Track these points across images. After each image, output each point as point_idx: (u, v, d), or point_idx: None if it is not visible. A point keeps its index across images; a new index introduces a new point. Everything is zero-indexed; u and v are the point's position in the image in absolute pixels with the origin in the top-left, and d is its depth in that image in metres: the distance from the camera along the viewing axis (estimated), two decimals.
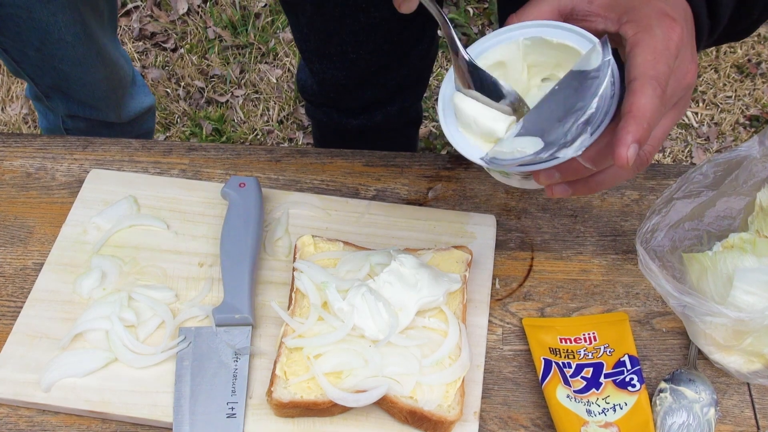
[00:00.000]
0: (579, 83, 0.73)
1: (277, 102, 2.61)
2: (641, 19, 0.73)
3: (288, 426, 0.86)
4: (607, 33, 0.76)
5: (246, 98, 2.64)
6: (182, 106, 2.59)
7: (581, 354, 0.91)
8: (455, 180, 1.08)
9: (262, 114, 2.59)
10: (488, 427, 0.88)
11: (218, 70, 2.68)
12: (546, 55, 0.78)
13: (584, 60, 0.74)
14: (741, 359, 0.89)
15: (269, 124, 2.57)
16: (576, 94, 0.72)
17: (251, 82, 2.67)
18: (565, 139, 0.70)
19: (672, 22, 0.73)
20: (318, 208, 1.03)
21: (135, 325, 0.93)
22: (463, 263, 0.95)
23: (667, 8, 0.74)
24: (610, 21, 0.76)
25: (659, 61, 0.71)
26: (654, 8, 0.74)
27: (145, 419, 0.87)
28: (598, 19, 0.76)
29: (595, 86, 0.71)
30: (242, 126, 2.56)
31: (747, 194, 0.95)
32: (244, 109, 2.60)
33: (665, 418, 0.86)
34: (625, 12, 0.75)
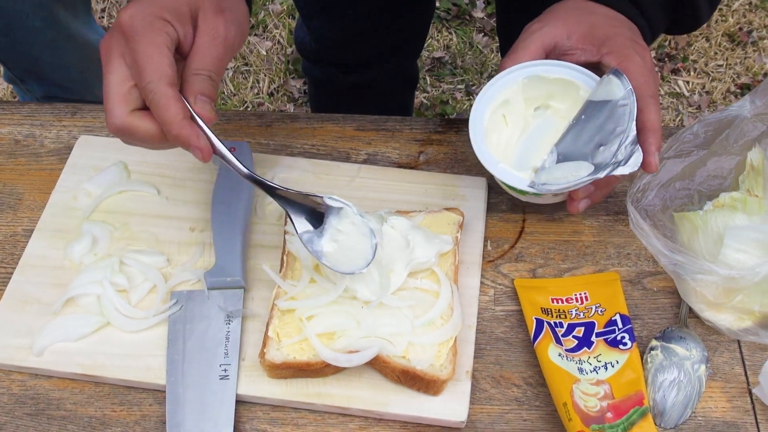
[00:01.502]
0: (610, 111, 0.86)
1: (267, 74, 2.60)
2: (619, 49, 0.88)
3: (281, 387, 0.86)
4: (588, 63, 0.90)
5: (236, 71, 2.62)
6: None
7: (573, 314, 0.92)
8: (446, 143, 1.08)
9: (252, 86, 2.58)
10: (480, 386, 0.88)
11: None
12: (540, 89, 0.92)
13: (603, 91, 0.87)
14: (731, 317, 0.90)
15: (259, 96, 2.56)
16: (611, 120, 0.86)
17: (241, 54, 2.65)
18: (616, 159, 0.84)
19: (642, 49, 0.88)
20: (309, 172, 1.03)
21: (127, 290, 0.93)
22: (455, 225, 0.95)
23: (633, 36, 0.90)
24: (590, 53, 0.90)
25: (649, 81, 0.86)
26: (624, 38, 0.89)
27: (139, 382, 0.87)
28: (578, 52, 0.90)
29: (629, 112, 0.85)
30: (232, 98, 2.54)
31: (737, 154, 0.95)
32: (234, 81, 2.59)
33: (656, 375, 0.86)
34: (602, 44, 0.89)
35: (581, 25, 0.90)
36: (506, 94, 0.93)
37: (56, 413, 0.86)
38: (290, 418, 0.86)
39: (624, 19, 0.91)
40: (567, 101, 0.93)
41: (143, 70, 0.76)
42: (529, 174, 0.90)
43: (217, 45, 0.81)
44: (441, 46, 2.66)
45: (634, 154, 0.84)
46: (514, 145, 0.95)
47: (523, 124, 0.95)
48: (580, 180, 0.86)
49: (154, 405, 0.87)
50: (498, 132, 0.94)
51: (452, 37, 2.68)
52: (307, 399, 0.86)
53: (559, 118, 0.94)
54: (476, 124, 0.92)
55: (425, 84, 2.56)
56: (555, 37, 0.91)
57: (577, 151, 0.88)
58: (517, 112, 0.95)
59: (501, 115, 0.95)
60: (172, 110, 0.76)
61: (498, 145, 0.94)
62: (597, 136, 0.87)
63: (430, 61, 2.61)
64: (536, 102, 0.95)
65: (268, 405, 0.87)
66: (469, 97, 2.52)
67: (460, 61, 2.62)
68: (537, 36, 0.91)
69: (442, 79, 2.58)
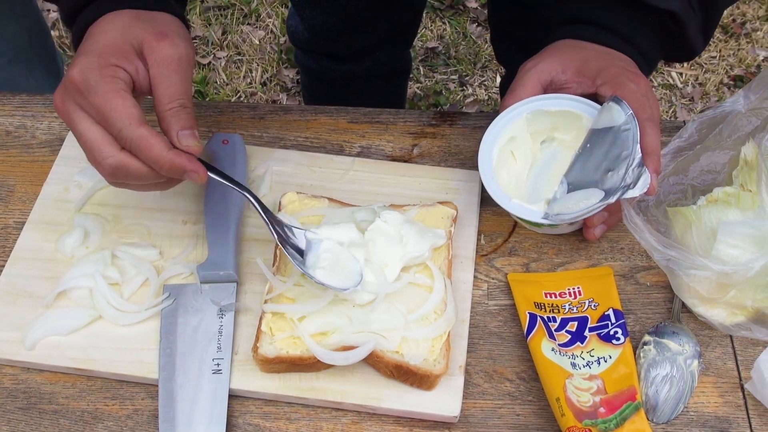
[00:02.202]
0: (614, 137, 0.88)
1: (260, 64, 2.59)
2: (613, 78, 0.91)
3: (274, 381, 0.86)
4: (585, 95, 0.93)
5: (228, 60, 2.61)
6: None
7: (566, 308, 0.92)
8: (440, 137, 1.08)
9: (245, 76, 2.57)
10: (473, 380, 0.88)
11: (200, 32, 2.65)
12: (544, 122, 0.96)
13: (605, 118, 0.90)
14: (724, 312, 0.90)
15: (252, 86, 2.55)
16: (615, 145, 0.88)
17: (234, 43, 2.64)
18: (625, 183, 0.86)
19: (636, 76, 0.92)
20: (302, 165, 1.03)
21: (119, 283, 0.92)
22: (449, 219, 0.95)
23: (625, 65, 0.93)
24: (585, 85, 0.93)
25: (645, 106, 0.89)
26: (617, 68, 0.92)
27: (131, 376, 0.87)
28: (573, 85, 0.94)
29: (633, 136, 0.87)
30: (225, 88, 2.53)
31: (731, 148, 0.95)
32: (226, 71, 2.58)
33: (649, 370, 0.86)
34: (596, 75, 0.92)
35: (574, 60, 0.94)
36: (512, 131, 0.95)
37: (48, 407, 0.86)
38: (283, 413, 0.86)
39: (615, 52, 0.95)
40: (571, 131, 0.95)
41: (111, 119, 0.78)
42: (542, 206, 0.91)
43: (175, 69, 0.81)
44: (434, 36, 2.65)
45: (642, 176, 0.86)
46: (525, 180, 0.97)
47: (531, 158, 0.98)
48: (593, 206, 0.87)
49: (146, 399, 0.87)
50: (508, 168, 0.96)
51: (446, 27, 2.67)
52: (300, 393, 0.85)
53: (566, 148, 0.96)
54: (485, 163, 0.93)
55: (419, 74, 2.56)
56: (551, 73, 0.94)
57: (586, 179, 0.90)
58: (525, 147, 0.97)
59: (509, 152, 0.97)
60: (155, 148, 0.78)
61: (509, 181, 0.96)
62: (604, 162, 0.89)
63: (423, 51, 2.61)
64: (542, 135, 0.98)
65: (261, 399, 0.87)
66: (462, 87, 2.52)
67: (454, 51, 2.61)
68: (533, 73, 0.94)
69: (435, 69, 2.58)
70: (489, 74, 2.55)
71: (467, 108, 2.46)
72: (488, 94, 2.50)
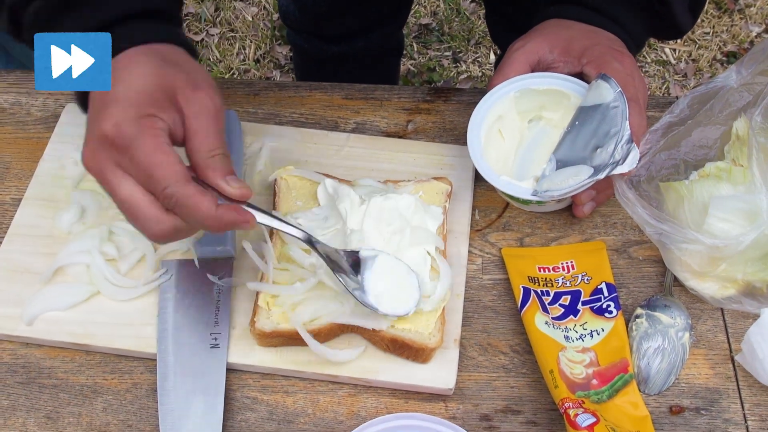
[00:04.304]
0: (603, 114, 0.89)
1: (253, 41, 2.58)
2: (598, 57, 0.92)
3: (270, 355, 0.87)
4: (572, 74, 0.94)
5: (221, 37, 2.60)
6: None
7: (559, 282, 0.93)
8: (435, 112, 1.08)
9: (238, 53, 2.56)
10: (468, 353, 0.89)
11: (192, 8, 2.64)
12: (532, 101, 0.96)
13: (593, 96, 0.90)
14: (715, 285, 0.91)
15: (246, 63, 2.54)
16: (604, 122, 0.89)
17: (226, 20, 2.63)
18: (614, 159, 0.87)
19: (621, 55, 0.93)
20: (297, 140, 1.03)
21: (116, 259, 0.93)
22: (444, 194, 0.95)
23: (611, 44, 0.94)
24: (571, 64, 0.95)
25: (628, 85, 0.90)
26: (603, 47, 0.93)
27: (130, 350, 0.88)
28: (560, 64, 0.95)
29: (621, 112, 0.88)
30: (218, 65, 2.52)
31: (723, 123, 0.96)
32: (219, 48, 2.56)
33: (641, 343, 0.88)
34: (582, 54, 0.93)
35: (561, 40, 0.96)
36: (499, 110, 0.96)
37: (47, 382, 0.87)
38: (280, 386, 0.87)
39: (601, 31, 0.96)
40: (559, 110, 0.96)
41: (155, 177, 0.71)
42: (530, 183, 0.92)
43: (215, 120, 0.76)
44: (428, 12, 2.64)
45: (631, 152, 0.87)
46: (513, 158, 0.97)
47: (519, 136, 0.98)
48: (582, 183, 0.88)
49: (145, 373, 0.88)
50: (496, 147, 0.97)
51: (439, 3, 2.66)
52: (296, 367, 0.86)
53: (553, 127, 0.97)
54: (474, 141, 0.94)
55: (412, 51, 2.55)
56: (538, 52, 0.95)
57: (575, 156, 0.91)
58: (512, 125, 0.98)
59: (497, 131, 0.97)
60: (205, 206, 0.72)
61: (497, 159, 0.96)
62: (593, 139, 0.90)
63: (417, 27, 2.60)
64: (530, 114, 0.98)
65: (259, 373, 0.88)
66: (456, 64, 2.52)
67: (447, 28, 2.60)
68: (521, 52, 0.96)
69: (429, 45, 2.57)
70: (483, 51, 2.55)
71: (461, 85, 2.46)
72: (482, 71, 2.50)
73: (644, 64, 2.48)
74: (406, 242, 0.89)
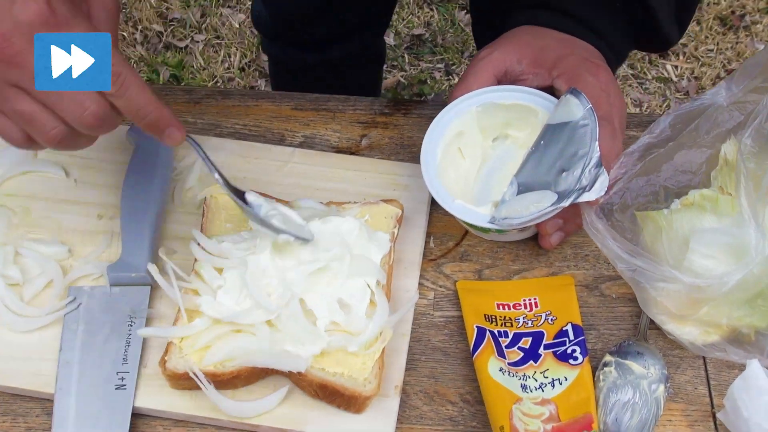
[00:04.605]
0: (570, 133, 0.79)
1: (239, 48, 2.49)
2: (570, 69, 0.83)
3: (184, 400, 0.76)
4: (542, 88, 0.84)
5: (207, 44, 2.50)
6: (139, 50, 2.46)
7: (520, 322, 0.82)
8: (392, 127, 0.98)
9: (223, 60, 2.47)
10: (412, 402, 0.78)
11: (178, 14, 2.55)
12: (496, 117, 0.86)
13: (562, 112, 0.80)
14: (696, 330, 0.80)
15: (230, 71, 2.45)
16: (572, 143, 0.79)
17: (212, 26, 2.54)
18: (581, 184, 0.76)
19: (596, 67, 0.83)
20: (236, 154, 0.93)
21: (20, 284, 0.83)
22: (393, 219, 0.85)
23: (587, 55, 0.85)
24: (541, 77, 0.85)
25: (601, 102, 0.80)
26: (577, 57, 0.84)
27: (25, 390, 0.78)
28: (530, 77, 0.85)
29: (590, 132, 0.78)
30: (202, 73, 2.43)
31: (709, 146, 0.85)
32: (204, 55, 2.47)
33: (608, 395, 0.77)
34: (553, 66, 0.84)
35: (531, 49, 0.86)
36: (459, 125, 0.86)
37: None
38: None
39: (577, 40, 0.87)
40: (526, 128, 0.86)
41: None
42: (489, 209, 0.81)
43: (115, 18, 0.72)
44: (421, 23, 2.55)
45: (599, 177, 0.77)
46: (473, 180, 0.87)
47: (481, 156, 0.88)
48: (543, 211, 0.78)
49: (41, 416, 0.77)
50: (455, 167, 0.86)
51: (433, 13, 2.56)
52: (213, 414, 0.76)
53: (519, 146, 0.86)
54: (428, 159, 0.83)
55: (403, 62, 2.45)
56: (505, 63, 0.86)
57: (539, 179, 0.80)
58: (474, 143, 0.88)
59: (456, 149, 0.87)
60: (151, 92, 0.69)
61: (456, 181, 0.86)
62: (558, 161, 0.80)
63: (409, 38, 2.50)
64: (494, 132, 0.88)
65: (170, 419, 0.77)
66: (448, 77, 2.41)
67: (441, 39, 2.50)
68: (487, 61, 0.86)
69: (421, 57, 2.47)
70: None
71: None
72: None
73: (644, 80, 2.38)
74: (344, 272, 0.78)
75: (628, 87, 2.36)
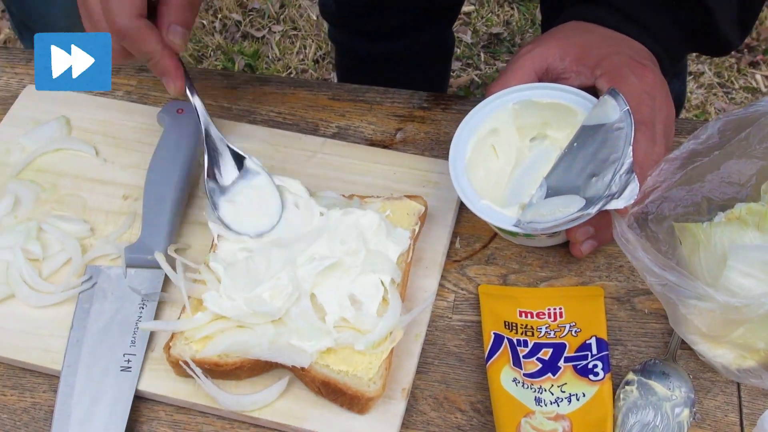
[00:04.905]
0: (604, 136, 0.75)
1: (314, 41, 2.49)
2: (613, 69, 0.78)
3: (187, 386, 0.75)
4: (584, 87, 0.79)
5: (283, 35, 2.51)
6: (217, 39, 2.49)
7: (542, 331, 0.78)
8: (430, 121, 0.94)
9: (298, 52, 2.47)
10: (419, 406, 0.75)
11: (257, 4, 2.56)
12: (534, 116, 0.82)
13: (598, 114, 0.76)
14: (731, 354, 0.74)
15: (304, 62, 2.45)
16: (605, 146, 0.74)
17: (290, 18, 2.54)
18: (610, 191, 0.72)
19: (642, 68, 0.78)
20: (266, 142, 0.91)
21: (40, 259, 0.83)
22: (415, 216, 0.82)
23: (634, 54, 0.79)
24: (584, 75, 0.80)
25: (642, 105, 0.75)
26: (623, 56, 0.79)
27: (34, 365, 0.78)
28: (572, 75, 0.81)
29: (625, 136, 0.73)
30: (276, 63, 2.44)
31: (761, 158, 0.78)
32: (280, 45, 2.48)
33: (627, 416, 0.72)
34: (597, 65, 0.79)
35: (576, 46, 0.81)
36: (494, 122, 0.82)
37: None
38: (195, 423, 0.75)
39: (626, 38, 0.82)
40: (565, 129, 0.81)
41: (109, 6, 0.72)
42: (516, 211, 0.77)
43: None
44: (500, 21, 2.50)
45: (629, 184, 0.72)
46: (506, 181, 0.83)
47: (516, 156, 0.84)
48: (569, 217, 0.73)
49: (48, 392, 0.77)
50: (486, 165, 0.82)
51: (514, 12, 2.51)
52: (215, 403, 0.74)
53: (558, 148, 0.81)
54: (457, 155, 0.80)
55: (479, 61, 2.40)
56: (547, 59, 0.81)
57: (569, 183, 0.76)
58: (509, 142, 0.83)
59: (490, 146, 0.83)
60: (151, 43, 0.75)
61: (486, 180, 0.82)
62: (590, 165, 0.75)
63: (486, 36, 2.45)
64: (531, 132, 0.84)
65: (173, 405, 0.76)
66: None
67: (519, 39, 2.45)
68: (528, 58, 0.82)
69: (497, 56, 2.42)
70: None
71: None
72: None
73: (731, 90, 2.27)
74: (358, 267, 0.76)
75: (713, 96, 2.26)
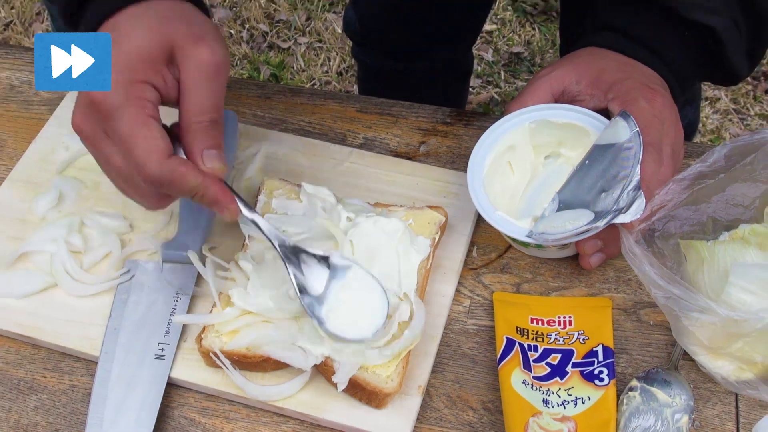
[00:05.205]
0: (615, 155, 0.80)
1: (339, 53, 2.54)
2: (625, 93, 0.82)
3: (217, 376, 0.80)
4: (598, 110, 0.84)
5: (309, 46, 2.57)
6: (244, 48, 2.55)
7: (551, 338, 0.82)
8: (452, 136, 0.99)
9: (323, 64, 2.53)
10: (433, 404, 0.80)
11: (284, 15, 2.63)
12: (550, 135, 0.87)
13: (609, 134, 0.81)
14: (730, 366, 0.78)
15: (328, 74, 2.50)
16: (614, 164, 0.79)
17: (316, 30, 2.60)
18: (618, 206, 0.77)
19: (653, 93, 0.82)
20: (296, 150, 0.96)
21: (82, 252, 0.88)
22: (435, 225, 0.87)
23: (645, 80, 0.84)
24: (597, 98, 0.85)
25: (651, 128, 0.80)
26: (635, 81, 0.83)
27: (74, 350, 0.83)
28: (586, 97, 0.85)
29: (634, 155, 0.78)
30: (300, 74, 2.50)
31: (765, 182, 0.83)
32: (305, 57, 2.54)
33: (630, 420, 0.76)
34: (609, 89, 0.84)
35: (590, 70, 0.86)
36: (511, 140, 0.87)
37: None
38: (222, 410, 0.80)
39: (638, 64, 0.86)
40: (578, 149, 0.86)
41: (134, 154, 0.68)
42: (529, 223, 0.82)
43: (210, 77, 0.70)
44: (522, 41, 2.55)
45: (636, 200, 0.77)
46: (520, 195, 0.88)
47: (531, 172, 0.89)
48: (578, 229, 0.78)
49: (86, 376, 0.82)
50: (502, 180, 0.87)
51: (535, 33, 2.56)
52: (242, 392, 0.79)
53: (570, 167, 0.86)
54: (475, 169, 0.85)
55: (499, 79, 2.45)
56: (564, 82, 0.86)
57: (580, 198, 0.81)
58: (525, 159, 0.88)
59: (506, 162, 0.88)
60: (190, 178, 0.70)
61: (502, 194, 0.86)
62: (600, 181, 0.81)
63: (507, 55, 2.51)
64: (546, 150, 0.89)
65: (202, 393, 0.81)
66: None
67: (539, 59, 2.50)
68: (545, 80, 0.87)
69: (517, 75, 2.47)
70: None
71: None
72: None
73: (746, 116, 2.31)
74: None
75: (728, 122, 2.30)
